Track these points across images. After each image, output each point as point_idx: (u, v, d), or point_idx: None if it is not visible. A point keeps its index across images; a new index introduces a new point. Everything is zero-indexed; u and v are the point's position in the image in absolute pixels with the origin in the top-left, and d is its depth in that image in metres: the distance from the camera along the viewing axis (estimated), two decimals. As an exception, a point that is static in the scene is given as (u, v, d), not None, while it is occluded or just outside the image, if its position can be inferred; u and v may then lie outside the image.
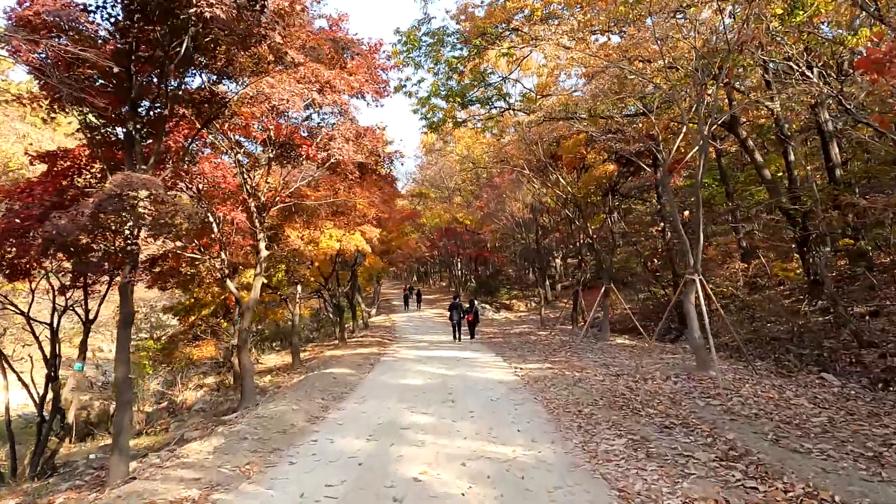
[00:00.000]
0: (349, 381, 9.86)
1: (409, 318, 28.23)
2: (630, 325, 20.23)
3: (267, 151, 8.88)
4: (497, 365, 11.51)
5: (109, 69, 5.63)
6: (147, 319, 17.66)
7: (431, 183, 40.90)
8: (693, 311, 8.55)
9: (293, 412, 7.10)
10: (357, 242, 12.10)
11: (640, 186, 18.56)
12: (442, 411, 7.17)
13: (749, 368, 8.96)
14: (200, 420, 9.61)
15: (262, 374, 13.46)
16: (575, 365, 10.71)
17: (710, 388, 7.45)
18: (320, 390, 8.74)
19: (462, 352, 14.08)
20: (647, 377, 8.61)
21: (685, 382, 7.99)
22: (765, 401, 6.69)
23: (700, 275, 8.51)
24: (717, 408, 6.42)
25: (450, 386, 9.11)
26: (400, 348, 15.78)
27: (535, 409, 7.09)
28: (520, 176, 22.20)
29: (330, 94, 7.76)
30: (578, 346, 13.79)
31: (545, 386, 8.72)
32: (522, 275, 38.38)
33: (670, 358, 11.35)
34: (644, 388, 7.83)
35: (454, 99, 14.67)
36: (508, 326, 21.97)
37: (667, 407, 6.63)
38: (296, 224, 11.05)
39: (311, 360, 14.43)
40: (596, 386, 8.36)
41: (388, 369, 11.30)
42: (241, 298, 9.03)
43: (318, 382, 9.48)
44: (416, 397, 8.18)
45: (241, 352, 8.94)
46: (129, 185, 4.82)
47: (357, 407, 7.59)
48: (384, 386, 9.27)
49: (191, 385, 12.24)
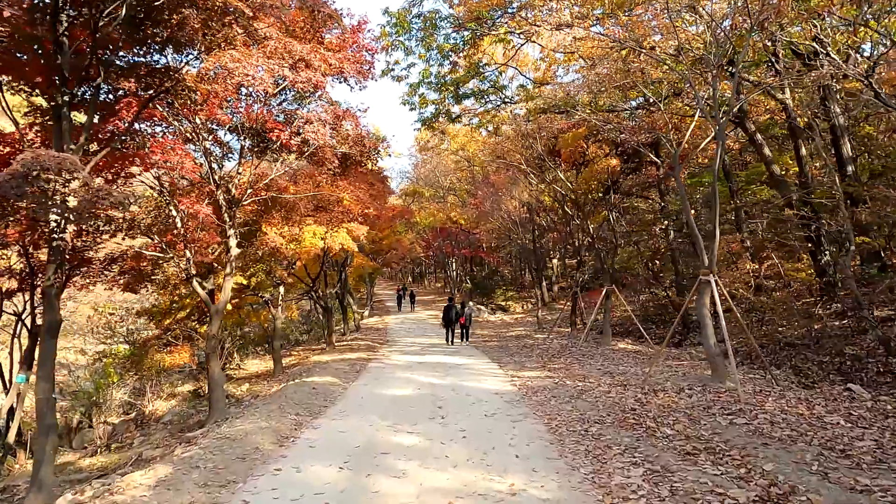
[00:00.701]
0: (330, 391, 9.02)
1: (402, 319, 27.41)
2: (630, 328, 19.47)
3: (240, 139, 8.03)
4: (492, 373, 10.69)
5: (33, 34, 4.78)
6: (123, 324, 16.75)
7: (426, 182, 40.09)
8: (708, 315, 7.77)
9: (260, 431, 6.24)
10: (343, 240, 11.25)
11: (641, 184, 17.79)
12: (430, 430, 6.34)
13: (767, 379, 8.18)
14: (166, 434, 8.75)
15: (241, 382, 12.61)
16: (576, 373, 9.92)
17: (731, 403, 6.66)
18: (296, 403, 7.89)
19: (455, 357, 13.26)
20: (657, 388, 7.82)
21: (701, 395, 7.20)
22: (795, 419, 5.90)
23: (715, 275, 7.72)
24: (744, 428, 5.63)
25: (440, 398, 8.28)
26: (390, 353, 14.95)
27: (534, 428, 6.27)
28: (516, 173, 21.45)
29: (304, 72, 6.90)
30: (579, 351, 13.01)
31: (545, 398, 7.90)
32: (519, 276, 37.61)
33: (678, 365, 10.58)
34: (656, 402, 7.03)
35: (447, 89, 13.86)
36: (504, 329, 21.17)
37: (685, 426, 5.83)
38: (274, 220, 10.18)
39: (295, 366, 13.56)
40: (601, 399, 7.55)
41: (374, 377, 10.46)
42: (210, 301, 8.18)
43: (295, 393, 8.63)
44: (402, 412, 7.34)
45: (210, 360, 8.09)
46: (38, 164, 3.97)
47: (334, 424, 6.75)
48: (368, 398, 8.43)
49: (162, 394, 11.37)
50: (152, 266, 8.96)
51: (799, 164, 14.16)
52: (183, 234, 7.60)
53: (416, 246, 43.13)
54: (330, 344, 16.49)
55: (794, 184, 14.92)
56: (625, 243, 18.22)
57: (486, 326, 22.38)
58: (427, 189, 37.41)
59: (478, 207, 25.70)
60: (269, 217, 10.13)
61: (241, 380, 13.37)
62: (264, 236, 9.65)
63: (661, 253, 16.29)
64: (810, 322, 11.13)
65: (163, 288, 12.33)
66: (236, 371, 14.78)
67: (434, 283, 52.42)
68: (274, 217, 10.18)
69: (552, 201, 21.55)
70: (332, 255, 15.76)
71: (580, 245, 19.31)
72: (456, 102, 15.58)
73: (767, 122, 17.46)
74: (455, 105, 15.79)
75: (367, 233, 15.84)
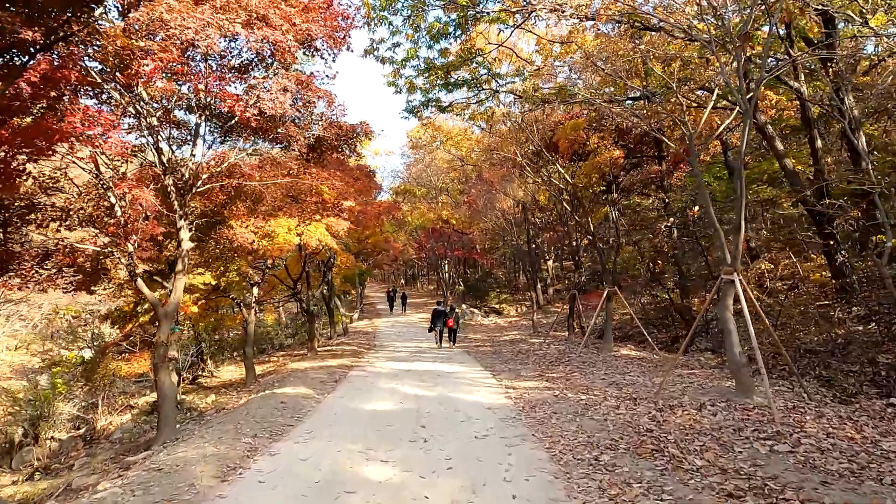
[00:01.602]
0: (300, 406, 7.94)
1: (393, 322, 26.34)
2: (630, 332, 18.47)
3: (196, 116, 6.94)
4: (484, 382, 9.66)
5: None
6: (88, 328, 15.55)
7: (418, 181, 39.08)
8: (731, 320, 6.78)
9: (203, 460, 5.17)
10: (321, 236, 10.18)
11: (643, 181, 16.86)
12: (409, 457, 5.30)
13: (796, 391, 7.21)
14: (112, 455, 7.65)
15: (210, 392, 11.51)
16: (578, 384, 8.90)
17: (764, 424, 5.67)
18: (257, 421, 6.80)
19: (445, 364, 12.21)
20: (672, 403, 6.82)
21: (726, 413, 6.20)
22: (846, 445, 4.91)
23: (740, 274, 6.74)
24: (790, 458, 4.63)
25: (425, 414, 7.24)
26: (376, 359, 13.88)
27: (534, 456, 5.24)
28: (511, 170, 20.48)
29: (261, 30, 5.85)
30: (579, 358, 12.00)
31: (545, 415, 6.88)
32: (513, 278, 36.67)
33: (689, 374, 9.58)
34: (675, 421, 6.02)
35: (436, 74, 12.83)
36: (498, 333, 20.15)
37: (717, 454, 4.82)
38: (240, 212, 9.08)
39: (271, 374, 12.47)
40: (610, 416, 6.54)
41: (354, 388, 9.39)
42: (158, 304, 7.08)
43: (260, 409, 7.55)
44: (379, 432, 6.29)
45: (159, 371, 7.00)
46: None
47: (296, 450, 5.68)
48: (342, 414, 7.36)
49: (117, 406, 10.25)
50: (94, 263, 7.83)
51: (814, 157, 13.25)
52: (123, 223, 6.51)
53: (408, 247, 42.10)
54: (312, 349, 15.40)
55: (806, 179, 14.06)
56: (625, 243, 17.26)
57: (480, 330, 21.36)
58: (419, 188, 36.37)
59: (470, 206, 24.68)
60: (233, 208, 9.02)
61: (211, 389, 12.25)
62: (228, 230, 8.55)
63: (665, 253, 15.33)
64: (831, 327, 10.19)
65: (123, 288, 11.21)
66: (208, 379, 13.66)
67: (427, 285, 51.35)
68: (240, 208, 9.08)
69: (548, 200, 20.61)
70: (314, 254, 14.69)
71: (578, 245, 18.35)
72: (446, 90, 14.57)
73: (774, 117, 16.63)
74: (445, 93, 14.78)
75: (352, 231, 14.79)
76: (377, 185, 17.68)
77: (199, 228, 8.35)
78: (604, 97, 12.43)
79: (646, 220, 16.55)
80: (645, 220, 16.57)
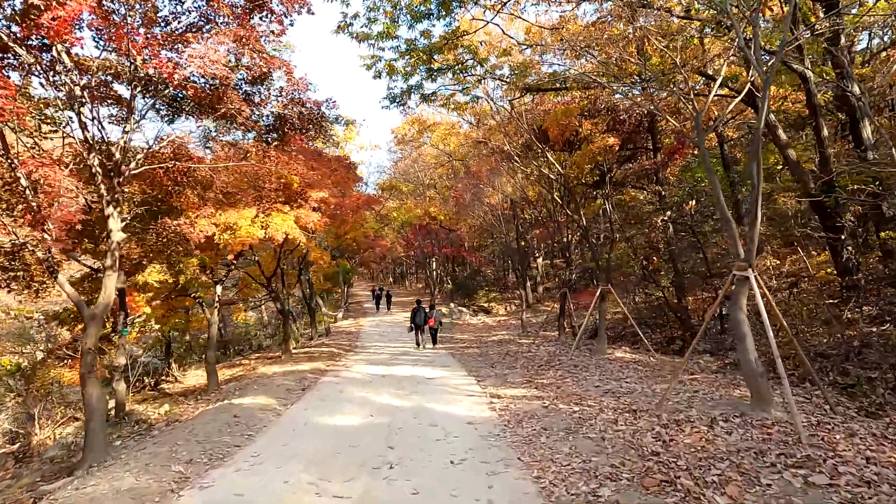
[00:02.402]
0: (256, 420, 6.98)
1: (378, 322, 25.42)
2: (622, 332, 17.65)
3: (125, 85, 5.91)
4: (468, 390, 8.76)
5: None
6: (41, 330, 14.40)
7: (405, 177, 38.10)
8: (746, 322, 5.94)
9: (114, 499, 4.20)
10: (288, 229, 9.20)
11: (637, 173, 16.08)
12: (369, 491, 4.38)
13: (815, 402, 6.41)
14: (38, 479, 6.63)
15: (168, 400, 10.48)
16: (571, 392, 8.04)
17: (789, 445, 4.82)
18: (200, 441, 5.84)
19: (426, 368, 11.31)
20: (678, 417, 5.96)
21: (742, 430, 5.35)
22: (893, 473, 4.08)
23: (755, 270, 5.90)
24: (831, 495, 3.78)
25: (397, 430, 6.32)
26: (353, 362, 12.94)
27: (519, 489, 4.35)
28: (499, 163, 19.61)
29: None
30: (570, 362, 11.16)
31: (533, 432, 6.00)
32: (502, 276, 35.85)
33: (691, 381, 8.74)
34: (684, 441, 5.16)
35: (417, 56, 11.89)
36: (486, 333, 19.29)
37: (741, 489, 3.96)
38: (190, 199, 8.02)
39: (238, 379, 11.48)
40: (608, 433, 5.67)
41: (321, 398, 8.44)
42: (83, 304, 6.05)
43: (208, 424, 6.58)
44: (340, 456, 5.36)
45: (87, 382, 5.98)
46: None
47: (234, 480, 4.73)
48: (301, 431, 6.42)
49: (58, 418, 9.20)
50: (10, 258, 6.79)
51: (819, 147, 12.50)
52: (36, 210, 5.49)
53: (396, 245, 41.12)
54: (286, 352, 14.40)
55: (809, 170, 13.36)
56: (619, 238, 16.47)
57: (467, 330, 20.48)
58: (405, 184, 35.39)
59: (458, 198, 23.75)
60: (181, 197, 7.98)
61: (173, 396, 11.22)
62: (173, 220, 7.50)
63: (659, 249, 14.54)
64: (843, 328, 9.44)
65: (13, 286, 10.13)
66: (171, 385, 12.61)
67: (416, 283, 50.40)
68: (189, 196, 8.04)
69: (537, 195, 19.77)
70: (288, 251, 13.69)
71: (569, 241, 17.52)
72: (430, 77, 13.63)
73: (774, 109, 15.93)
74: (430, 80, 13.85)
75: (328, 225, 13.80)
76: (357, 176, 16.64)
77: (139, 218, 7.34)
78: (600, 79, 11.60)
79: (640, 214, 15.74)
80: (639, 215, 15.77)
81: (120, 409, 8.92)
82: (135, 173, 6.48)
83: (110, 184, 6.06)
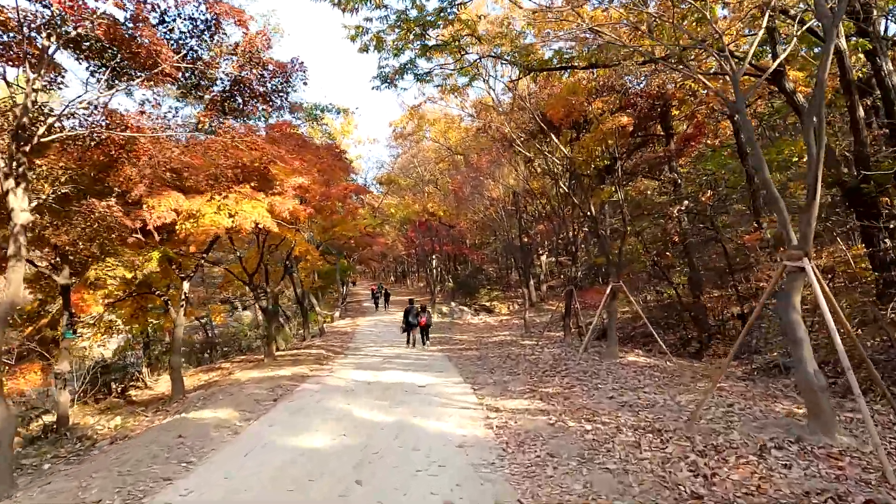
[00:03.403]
0: (206, 440, 5.86)
1: (375, 322, 24.35)
2: (632, 333, 16.52)
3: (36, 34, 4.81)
4: (462, 401, 7.63)
5: None
6: None
7: (405, 172, 36.99)
8: (802, 324, 4.79)
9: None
10: (258, 217, 8.08)
11: (648, 161, 14.91)
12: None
13: (883, 421, 5.24)
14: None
15: (124, 410, 9.42)
16: (581, 405, 6.90)
17: (870, 484, 3.67)
18: (122, 473, 4.72)
19: (419, 373, 10.19)
20: (717, 443, 4.80)
21: (804, 463, 4.19)
22: None
23: (812, 261, 4.75)
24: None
25: (373, 453, 5.21)
26: (341, 366, 11.85)
27: (519, 552, 3.21)
28: (500, 154, 18.47)
29: None
30: (578, 367, 10.00)
31: (537, 459, 4.86)
32: (504, 274, 34.69)
33: (720, 391, 7.56)
34: (730, 478, 4.02)
35: (408, 28, 10.76)
36: (487, 333, 18.16)
37: (831, 562, 2.81)
38: (131, 176, 6.88)
39: (210, 385, 10.39)
40: (631, 464, 4.53)
41: (293, 411, 7.32)
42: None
43: (146, 446, 5.48)
44: (291, 495, 4.25)
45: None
46: None
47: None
48: (256, 456, 5.29)
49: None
50: None
51: (854, 130, 11.28)
52: None
53: (397, 243, 40.01)
54: (269, 354, 13.32)
55: (840, 156, 12.18)
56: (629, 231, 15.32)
57: (468, 330, 19.35)
58: (404, 179, 34.26)
59: (456, 193, 22.59)
60: (119, 174, 6.86)
61: (134, 405, 10.15)
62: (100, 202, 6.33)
63: (675, 242, 13.35)
64: (893, 329, 8.25)
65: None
66: (139, 391, 11.56)
67: (417, 282, 49.27)
68: (128, 173, 6.90)
69: (541, 187, 18.61)
70: (269, 244, 12.59)
71: (575, 236, 16.36)
72: (424, 55, 12.50)
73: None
74: (423, 58, 12.71)
75: (315, 216, 12.70)
76: (346, 165, 15.49)
77: (65, 200, 6.25)
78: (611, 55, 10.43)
79: (652, 205, 14.55)
80: (651, 206, 14.58)
81: (62, 422, 7.85)
82: (50, 141, 5.35)
83: (13, 151, 4.93)
